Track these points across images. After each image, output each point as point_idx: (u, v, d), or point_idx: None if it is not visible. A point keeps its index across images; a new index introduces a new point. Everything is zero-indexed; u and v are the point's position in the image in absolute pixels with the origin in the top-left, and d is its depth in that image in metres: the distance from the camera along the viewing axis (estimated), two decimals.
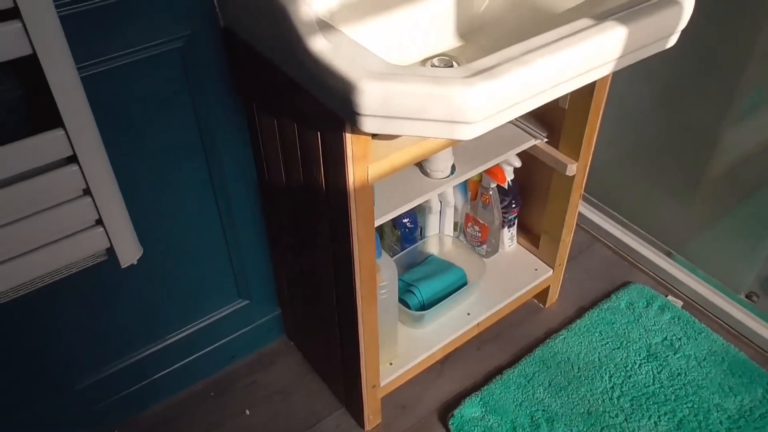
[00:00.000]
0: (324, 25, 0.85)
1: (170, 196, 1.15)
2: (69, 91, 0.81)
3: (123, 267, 1.00)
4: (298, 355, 1.50)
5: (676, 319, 1.56)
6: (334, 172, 0.95)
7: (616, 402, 1.39)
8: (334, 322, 1.21)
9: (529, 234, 1.58)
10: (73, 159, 0.88)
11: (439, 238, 1.51)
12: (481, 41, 1.11)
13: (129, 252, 1.00)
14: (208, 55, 1.04)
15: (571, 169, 1.32)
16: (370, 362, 1.21)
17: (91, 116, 0.86)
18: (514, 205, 1.50)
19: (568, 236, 1.47)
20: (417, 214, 1.45)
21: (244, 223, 1.29)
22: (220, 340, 1.42)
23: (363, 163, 0.92)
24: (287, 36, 0.85)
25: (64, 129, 0.84)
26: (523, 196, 1.52)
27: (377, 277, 1.11)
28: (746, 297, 1.53)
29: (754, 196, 1.44)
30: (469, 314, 1.43)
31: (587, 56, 0.86)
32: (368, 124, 0.80)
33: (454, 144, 1.06)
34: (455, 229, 1.55)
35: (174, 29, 0.98)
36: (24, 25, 0.74)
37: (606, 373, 1.44)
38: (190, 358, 1.39)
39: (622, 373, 1.44)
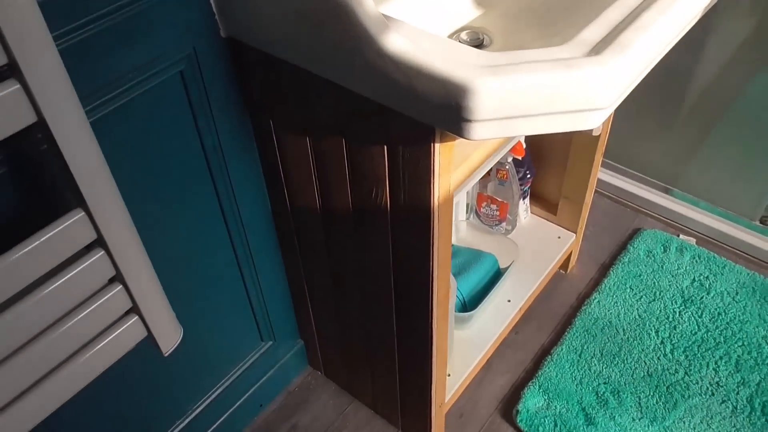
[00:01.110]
0: (386, 17, 0.68)
1: (183, 245, 0.95)
2: (88, 159, 0.61)
3: (165, 354, 0.81)
4: (331, 386, 1.34)
5: (697, 258, 1.53)
6: (412, 191, 0.79)
7: (671, 357, 1.35)
8: (391, 346, 1.07)
9: (542, 201, 1.48)
10: (96, 243, 0.67)
11: (455, 224, 1.39)
12: (500, 6, 0.97)
13: (169, 336, 0.81)
14: (213, 73, 0.84)
15: (598, 127, 1.22)
16: (439, 381, 1.08)
17: (116, 188, 0.65)
18: (529, 176, 1.39)
19: (589, 197, 1.39)
20: None
21: (262, 259, 1.10)
22: (247, 391, 1.24)
23: (447, 174, 0.77)
24: (347, 39, 0.68)
25: (85, 209, 0.63)
26: (536, 164, 1.42)
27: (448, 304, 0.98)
28: (761, 222, 1.53)
29: (747, 114, 1.41)
30: (509, 301, 1.33)
31: (691, 5, 0.75)
32: (480, 131, 0.65)
33: None
34: (467, 212, 1.43)
35: (172, 51, 0.77)
36: (25, 86, 0.53)
37: (652, 329, 1.39)
38: (217, 422, 1.20)
39: (667, 326, 1.40)
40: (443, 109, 0.65)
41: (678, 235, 1.60)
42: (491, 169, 1.36)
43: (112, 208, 0.66)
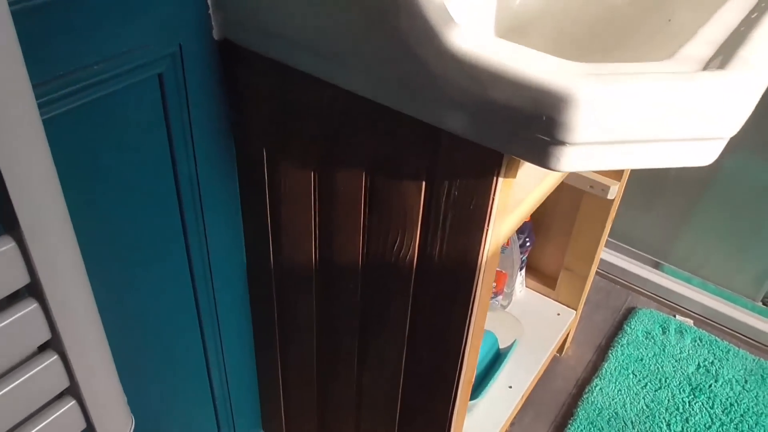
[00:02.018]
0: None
1: (137, 306, 0.73)
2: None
3: None
4: None
5: (699, 341, 1.40)
6: (453, 241, 0.62)
7: None
8: None
9: (538, 274, 1.34)
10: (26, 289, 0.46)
11: None
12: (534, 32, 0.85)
13: (116, 428, 0.58)
14: (200, 81, 0.66)
15: (613, 191, 1.10)
16: None
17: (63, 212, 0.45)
18: (528, 244, 1.25)
19: (593, 270, 1.25)
20: None
21: (230, 328, 0.89)
22: None
23: (501, 220, 0.61)
24: (398, 34, 0.52)
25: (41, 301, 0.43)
26: (536, 232, 1.28)
27: None
28: (764, 303, 1.43)
29: (741, 185, 1.33)
30: (511, 387, 1.14)
31: None
32: (574, 158, 0.49)
33: None
34: None
35: (153, 46, 0.59)
36: None
37: (663, 422, 1.24)
38: None
39: (678, 418, 1.25)
40: (525, 129, 0.49)
41: (674, 316, 1.47)
42: None
43: (48, 243, 0.45)
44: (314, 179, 0.70)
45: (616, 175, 1.09)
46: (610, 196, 1.10)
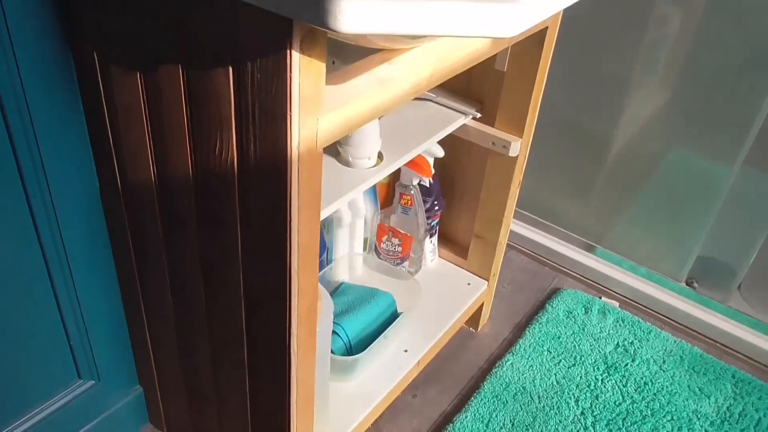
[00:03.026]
0: None
1: None
2: None
3: None
4: None
5: (621, 322, 1.36)
6: (263, 135, 0.58)
7: (593, 431, 1.13)
8: (242, 388, 0.81)
9: (451, 244, 1.29)
10: None
11: (349, 258, 1.17)
12: None
13: None
14: None
15: (515, 147, 1.06)
16: None
17: None
18: (437, 208, 1.21)
19: (504, 238, 1.21)
20: (323, 231, 1.09)
21: (82, 260, 0.84)
22: None
23: (313, 115, 0.57)
24: None
25: None
26: (446, 200, 1.24)
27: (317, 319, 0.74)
28: (687, 284, 1.38)
29: (672, 170, 1.30)
30: (406, 351, 1.09)
31: None
32: (353, 17, 0.45)
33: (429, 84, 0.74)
34: (364, 248, 1.21)
35: None
36: None
37: (571, 397, 1.18)
38: None
39: (588, 394, 1.19)
40: None
41: (600, 297, 1.43)
42: (394, 197, 1.16)
43: None
44: (141, 82, 0.66)
45: (518, 131, 1.06)
46: (512, 153, 1.06)
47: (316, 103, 0.56)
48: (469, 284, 1.24)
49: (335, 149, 0.90)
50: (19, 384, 0.85)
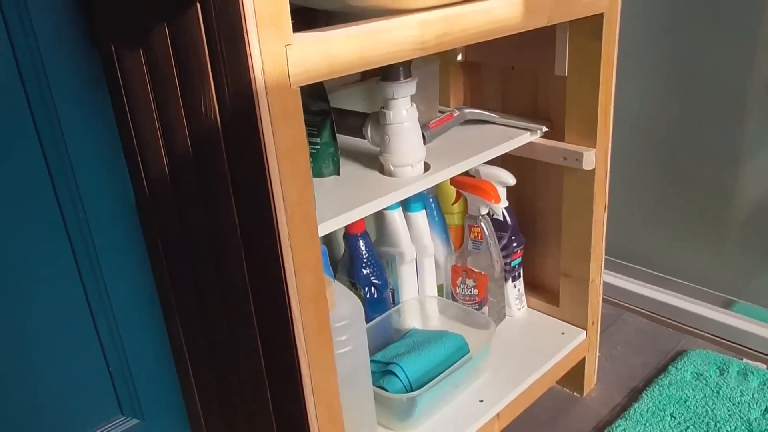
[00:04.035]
0: None
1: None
2: None
3: None
4: None
5: None
6: (231, 69, 0.54)
7: None
8: (264, 399, 0.72)
9: (538, 290, 1.15)
10: None
11: (420, 302, 1.06)
12: None
13: None
14: None
15: (589, 158, 0.94)
16: None
17: None
18: (515, 244, 1.08)
19: (597, 274, 1.05)
20: (384, 268, 1.01)
21: (121, 287, 0.83)
22: None
23: (278, 40, 0.53)
24: None
25: None
26: (525, 235, 1.12)
27: (329, 302, 0.65)
28: None
29: None
30: (482, 401, 0.94)
31: None
32: None
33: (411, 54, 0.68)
34: (440, 294, 1.11)
35: None
36: None
37: None
38: None
39: None
40: None
41: (741, 359, 1.17)
42: (465, 230, 1.07)
43: None
44: (145, 67, 0.67)
45: (590, 141, 0.94)
46: (587, 166, 0.94)
47: (281, 27, 0.53)
48: (563, 334, 1.07)
49: (379, 163, 0.85)
50: (57, 415, 0.83)
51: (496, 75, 1.06)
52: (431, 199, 1.06)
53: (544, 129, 0.98)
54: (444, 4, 0.69)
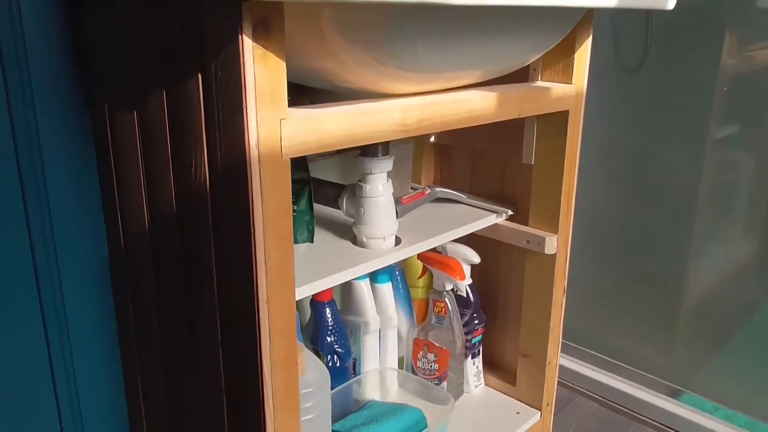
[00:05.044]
0: None
1: None
2: None
3: None
4: None
5: None
6: (225, 137, 0.57)
7: None
8: None
9: (495, 368, 1.17)
10: None
11: (380, 373, 1.07)
12: None
13: None
14: (37, 18, 0.70)
15: (551, 243, 0.99)
16: None
17: None
18: (477, 322, 1.11)
19: (554, 356, 1.08)
20: (348, 337, 1.03)
21: (84, 336, 0.82)
22: None
23: (274, 113, 0.56)
24: None
25: None
26: (486, 313, 1.15)
27: (299, 368, 0.67)
28: None
29: None
30: None
31: None
32: None
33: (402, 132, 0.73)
34: (400, 366, 1.12)
35: None
36: None
37: None
38: None
39: None
40: None
41: None
42: (429, 304, 1.09)
43: None
44: (137, 125, 0.69)
45: (552, 227, 0.99)
46: (548, 251, 0.99)
47: (277, 102, 0.56)
48: (518, 413, 1.09)
49: (352, 233, 0.88)
50: None
51: (467, 158, 1.12)
52: (397, 272, 1.09)
53: (510, 212, 1.03)
54: (424, 92, 0.75)
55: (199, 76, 0.58)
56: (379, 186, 0.86)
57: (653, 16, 1.26)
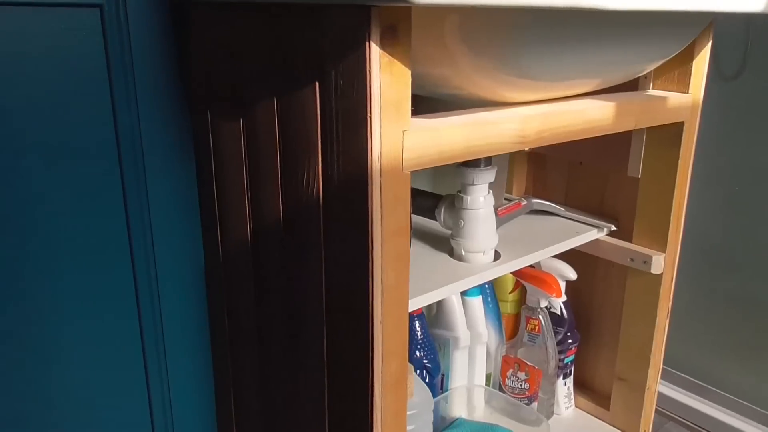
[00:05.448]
0: None
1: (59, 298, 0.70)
2: None
3: None
4: None
5: None
6: (344, 148, 0.55)
7: None
8: None
9: (587, 390, 1.11)
10: None
11: (468, 390, 1.03)
12: None
13: None
14: (143, 24, 0.69)
15: (658, 263, 0.93)
16: None
17: None
18: (570, 341, 1.06)
19: (654, 381, 1.01)
20: (438, 352, 0.99)
21: (178, 345, 0.81)
22: None
23: (397, 125, 0.53)
24: None
25: None
26: (582, 337, 1.09)
27: (408, 390, 0.63)
28: None
29: None
30: None
31: None
32: None
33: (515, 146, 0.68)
34: (486, 384, 1.07)
35: None
36: None
37: None
38: None
39: None
40: None
41: None
42: (522, 320, 1.05)
43: None
44: (242, 134, 0.67)
45: (660, 245, 0.93)
46: (655, 270, 0.93)
47: (401, 112, 0.53)
48: None
49: (449, 245, 0.85)
50: None
51: (563, 168, 1.07)
52: (487, 286, 1.04)
53: (612, 227, 0.97)
54: (534, 101, 0.71)
55: (317, 84, 0.56)
56: (480, 198, 0.82)
57: (753, 21, 1.17)
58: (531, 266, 1.03)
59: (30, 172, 0.65)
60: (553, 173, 1.09)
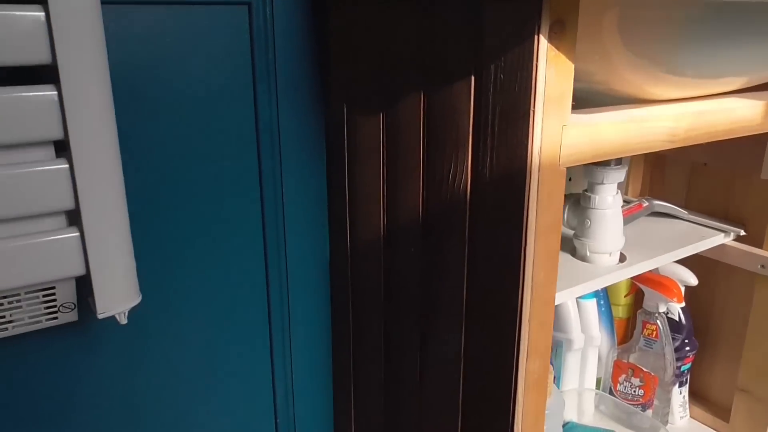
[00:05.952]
0: None
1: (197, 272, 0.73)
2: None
3: (99, 317, 0.54)
4: None
5: None
6: (499, 142, 0.54)
7: None
8: None
9: (702, 400, 1.07)
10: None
11: (579, 394, 1.01)
12: None
13: (116, 295, 0.56)
14: (288, 19, 0.71)
15: None
16: None
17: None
18: (688, 348, 1.02)
19: None
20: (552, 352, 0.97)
21: (302, 337, 0.83)
22: None
23: (558, 120, 0.52)
24: None
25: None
26: (699, 342, 1.05)
27: (547, 390, 0.62)
28: None
29: None
30: None
31: None
32: None
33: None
34: (597, 387, 1.05)
35: None
36: None
37: None
38: None
39: None
40: None
41: None
42: (638, 325, 1.01)
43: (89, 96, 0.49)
44: (382, 128, 0.68)
45: None
46: None
47: (562, 108, 0.52)
48: None
49: (570, 245, 0.83)
50: None
51: (684, 169, 1.03)
52: (601, 289, 1.02)
53: (741, 232, 0.93)
54: (677, 99, 0.68)
55: (472, 78, 0.55)
56: (609, 197, 0.80)
57: None
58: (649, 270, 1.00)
59: (177, 170, 0.67)
60: (672, 174, 1.05)
